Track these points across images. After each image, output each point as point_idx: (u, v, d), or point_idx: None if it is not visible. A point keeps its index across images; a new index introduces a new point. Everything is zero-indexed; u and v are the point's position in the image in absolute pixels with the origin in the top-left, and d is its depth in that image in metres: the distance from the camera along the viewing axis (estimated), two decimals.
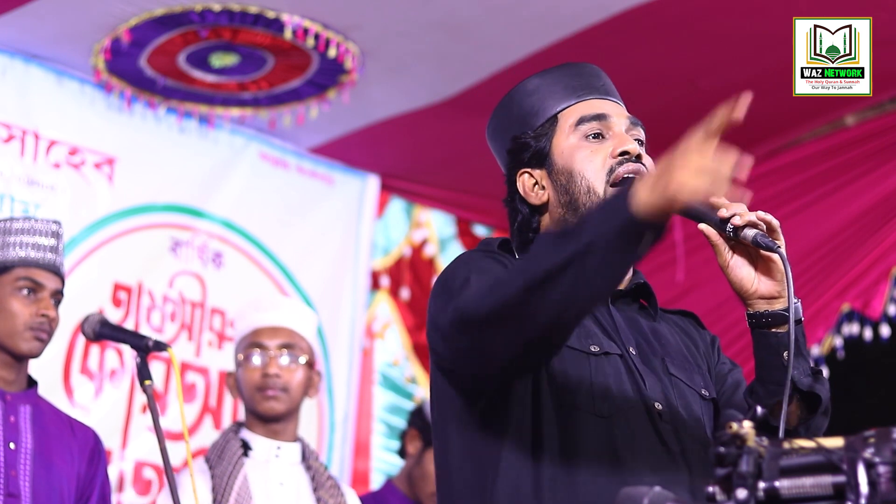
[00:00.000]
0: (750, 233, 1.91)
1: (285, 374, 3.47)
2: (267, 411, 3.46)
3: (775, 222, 1.94)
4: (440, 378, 2.04)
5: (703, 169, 1.68)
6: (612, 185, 2.02)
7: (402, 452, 4.59)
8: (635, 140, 2.08)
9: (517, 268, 1.87)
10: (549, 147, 2.08)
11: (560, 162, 2.06)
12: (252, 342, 3.51)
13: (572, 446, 1.91)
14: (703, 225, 1.97)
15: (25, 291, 3.09)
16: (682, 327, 2.17)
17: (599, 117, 2.06)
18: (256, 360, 3.48)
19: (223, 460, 3.36)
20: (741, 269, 1.98)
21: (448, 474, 2.02)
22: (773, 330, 1.98)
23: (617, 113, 2.10)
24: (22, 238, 3.12)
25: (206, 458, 3.41)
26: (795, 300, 1.95)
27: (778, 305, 1.98)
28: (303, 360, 3.52)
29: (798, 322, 1.97)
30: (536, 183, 2.09)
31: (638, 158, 2.04)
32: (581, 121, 2.07)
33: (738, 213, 1.93)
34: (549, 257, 1.77)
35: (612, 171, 2.03)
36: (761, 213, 1.94)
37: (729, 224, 1.92)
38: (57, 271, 3.16)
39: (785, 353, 1.94)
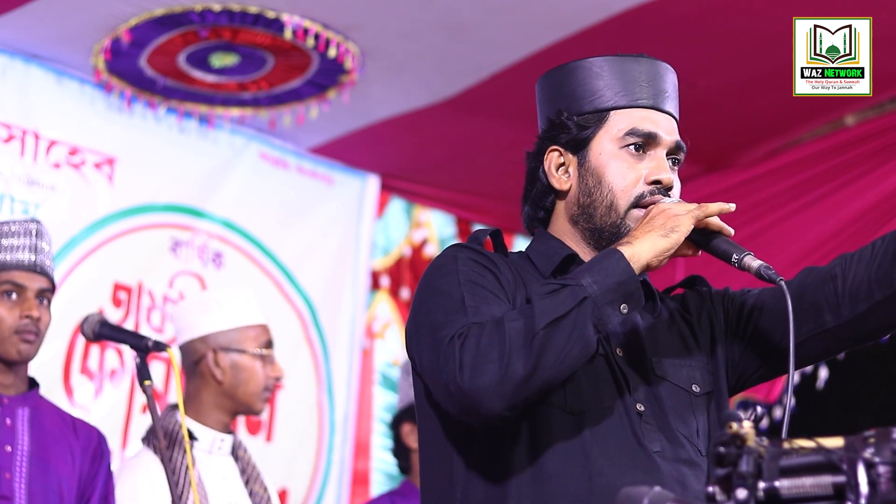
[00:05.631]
0: (755, 264, 1.95)
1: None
2: (259, 412, 3.40)
3: None
4: (421, 381, 2.04)
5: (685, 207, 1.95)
6: (635, 208, 2.02)
7: (397, 450, 4.42)
8: (673, 160, 2.07)
9: (522, 341, 1.84)
10: (591, 141, 2.05)
11: (594, 163, 2.04)
12: (268, 340, 3.38)
13: (541, 441, 1.92)
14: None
15: (8, 295, 3.04)
16: (682, 314, 2.15)
17: (649, 136, 2.03)
18: (269, 361, 3.37)
19: (173, 448, 3.19)
20: None
21: (425, 464, 2.04)
22: None
23: (668, 131, 2.06)
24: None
25: (154, 446, 3.21)
26: None
27: None
28: None
29: None
30: (562, 165, 2.08)
31: (667, 190, 2.03)
32: (631, 132, 2.03)
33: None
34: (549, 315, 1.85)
35: (641, 195, 2.02)
36: None
37: (734, 256, 1.96)
38: (40, 270, 3.08)
39: None
